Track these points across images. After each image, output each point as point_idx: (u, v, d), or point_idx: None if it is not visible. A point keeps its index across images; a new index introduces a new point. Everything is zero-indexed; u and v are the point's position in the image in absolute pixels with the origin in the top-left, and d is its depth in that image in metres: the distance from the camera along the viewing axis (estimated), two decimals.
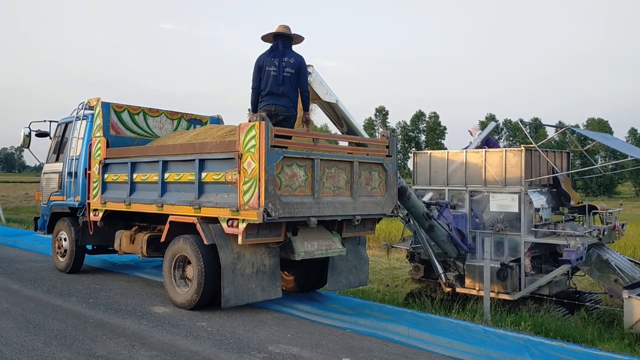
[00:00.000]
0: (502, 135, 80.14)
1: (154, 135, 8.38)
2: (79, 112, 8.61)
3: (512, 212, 8.70)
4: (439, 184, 9.64)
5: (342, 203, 6.26)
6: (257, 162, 5.49)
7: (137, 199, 7.10)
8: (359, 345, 5.20)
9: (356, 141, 7.13)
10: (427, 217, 8.30)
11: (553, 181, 9.40)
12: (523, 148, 8.77)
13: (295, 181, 5.81)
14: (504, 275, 8.43)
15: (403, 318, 6.38)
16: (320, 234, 6.30)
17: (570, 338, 6.61)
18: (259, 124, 5.51)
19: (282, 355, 4.79)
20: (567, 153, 10.37)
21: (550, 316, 7.80)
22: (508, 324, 6.70)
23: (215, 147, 6.11)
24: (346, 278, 6.99)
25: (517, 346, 5.45)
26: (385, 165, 6.78)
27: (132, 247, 7.48)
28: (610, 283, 8.50)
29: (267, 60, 6.29)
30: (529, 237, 8.55)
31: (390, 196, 6.85)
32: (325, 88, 7.13)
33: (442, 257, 9.05)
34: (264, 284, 6.11)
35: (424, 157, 10.01)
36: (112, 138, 7.86)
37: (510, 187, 8.76)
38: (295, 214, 5.76)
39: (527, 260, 8.49)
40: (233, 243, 5.91)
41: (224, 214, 5.85)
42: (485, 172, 9.06)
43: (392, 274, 11.98)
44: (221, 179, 5.98)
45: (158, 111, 8.56)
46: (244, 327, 5.64)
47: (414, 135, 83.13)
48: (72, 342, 4.98)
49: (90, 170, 7.93)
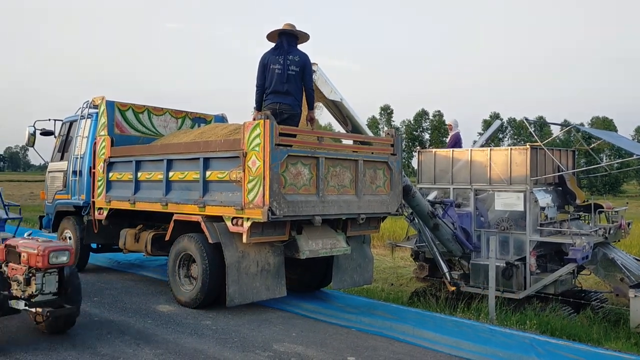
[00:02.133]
0: (506, 134, 79.86)
1: (159, 134, 8.38)
2: (84, 110, 8.62)
3: (518, 210, 8.66)
4: (444, 182, 9.61)
5: (347, 202, 6.24)
6: (262, 161, 5.48)
7: (142, 198, 7.10)
8: (364, 344, 5.19)
9: (361, 140, 7.12)
10: (432, 216, 8.27)
11: (558, 180, 9.36)
12: (528, 146, 8.74)
13: (300, 180, 5.80)
14: (509, 274, 8.41)
15: (408, 317, 6.37)
16: (324, 233, 6.29)
17: (576, 337, 6.59)
18: (263, 123, 5.50)
19: (286, 354, 4.78)
20: (572, 151, 10.32)
21: (556, 315, 7.77)
22: (513, 323, 6.67)
23: (219, 145, 6.11)
24: (351, 277, 6.98)
25: (523, 345, 5.43)
26: (390, 163, 6.76)
27: (136, 246, 7.49)
28: (616, 282, 8.46)
29: (271, 58, 6.27)
30: (534, 235, 8.51)
31: (395, 195, 6.83)
32: (329, 86, 7.12)
33: (446, 256, 9.02)
34: (269, 283, 6.11)
35: (428, 156, 9.98)
36: (116, 137, 7.86)
37: (516, 186, 8.72)
38: (299, 212, 5.75)
39: (532, 259, 8.46)
40: (238, 242, 5.90)
41: (229, 212, 5.84)
42: (490, 171, 9.02)
43: (397, 273, 11.95)
44: (226, 178, 5.97)
45: (162, 110, 8.55)
46: (249, 325, 5.64)
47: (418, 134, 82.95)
48: (76, 340, 4.98)
49: (95, 169, 7.93)
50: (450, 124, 11.04)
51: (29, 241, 4.72)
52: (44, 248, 4.48)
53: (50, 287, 4.63)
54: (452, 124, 11.00)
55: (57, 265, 4.58)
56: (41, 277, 4.56)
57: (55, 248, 4.56)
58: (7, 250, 4.83)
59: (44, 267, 4.51)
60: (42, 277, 4.56)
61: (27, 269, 4.54)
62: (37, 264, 4.47)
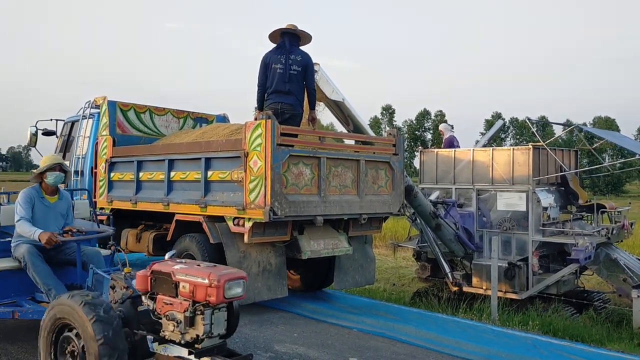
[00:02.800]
0: (508, 134, 79.76)
1: (160, 134, 8.38)
2: (86, 110, 8.62)
3: (520, 210, 8.63)
4: (446, 182, 9.59)
5: (349, 202, 6.23)
6: (263, 161, 5.47)
7: (143, 198, 7.09)
8: (366, 345, 5.18)
9: (363, 139, 7.11)
10: (434, 216, 8.25)
11: (561, 180, 9.34)
12: (531, 146, 8.71)
13: (302, 180, 5.78)
14: (511, 275, 8.38)
15: (410, 317, 6.36)
16: (326, 233, 6.28)
17: (578, 338, 6.57)
18: (265, 123, 5.49)
19: (288, 355, 4.77)
20: (575, 151, 10.29)
21: (558, 316, 7.75)
22: (516, 324, 6.66)
23: (221, 145, 6.10)
24: (352, 277, 6.96)
25: (525, 346, 5.42)
26: (392, 163, 6.74)
27: (138, 246, 7.49)
28: (619, 282, 8.43)
29: (273, 58, 6.26)
30: (536, 236, 8.48)
31: (397, 195, 6.81)
32: (331, 86, 7.11)
33: (449, 256, 9.00)
34: (270, 283, 6.09)
35: (430, 156, 9.96)
36: (118, 137, 7.86)
37: (518, 186, 8.70)
38: (301, 212, 5.73)
39: (534, 259, 8.43)
40: (239, 242, 5.89)
41: (230, 212, 5.83)
42: (492, 171, 9.00)
43: (399, 273, 11.94)
44: (227, 178, 5.96)
45: (164, 110, 8.56)
46: (250, 326, 5.63)
47: (420, 134, 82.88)
48: None
49: (97, 169, 7.94)
50: (442, 130, 11.06)
51: (188, 267, 3.47)
52: (218, 277, 3.27)
53: (219, 328, 3.41)
54: (443, 130, 11.05)
55: (232, 299, 3.39)
56: (210, 315, 3.34)
57: (230, 277, 3.37)
58: (154, 277, 3.54)
59: (217, 302, 3.30)
60: (211, 316, 3.35)
61: (190, 304, 3.31)
62: (208, 298, 3.26)
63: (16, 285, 4.74)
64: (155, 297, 3.50)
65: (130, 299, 3.68)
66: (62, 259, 4.84)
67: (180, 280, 3.37)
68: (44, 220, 4.76)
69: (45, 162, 4.87)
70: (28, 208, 4.70)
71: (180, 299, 3.36)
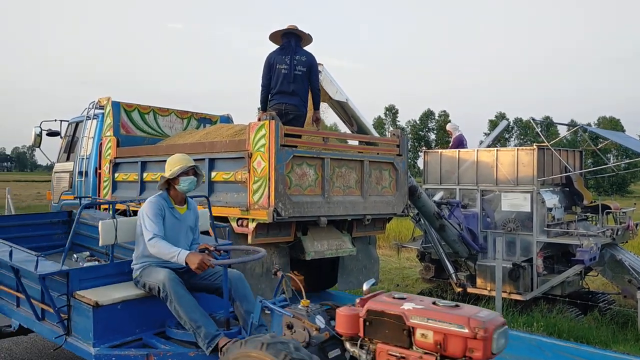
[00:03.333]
0: (513, 134, 79.57)
1: (164, 135, 8.38)
2: (90, 111, 8.63)
3: (524, 211, 8.61)
4: (450, 183, 9.58)
5: (353, 202, 6.22)
6: (267, 162, 5.46)
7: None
8: None
9: (366, 140, 7.09)
10: (438, 217, 8.23)
11: (566, 180, 9.30)
12: (535, 147, 8.69)
13: (305, 180, 5.78)
14: (515, 276, 8.36)
15: None
16: (330, 234, 6.27)
17: (583, 339, 6.54)
18: (268, 123, 5.48)
19: None
20: (579, 152, 10.25)
21: (563, 317, 7.72)
22: (520, 325, 6.63)
23: (225, 146, 6.10)
24: (356, 278, 6.95)
25: (530, 347, 5.38)
26: (396, 164, 6.73)
27: None
28: (624, 283, 8.40)
29: (277, 58, 6.24)
30: (541, 236, 8.46)
31: (401, 195, 6.79)
32: (335, 87, 7.10)
33: (453, 256, 8.98)
34: (274, 284, 6.08)
35: (434, 156, 9.94)
36: (122, 137, 7.87)
37: (523, 186, 8.67)
38: (305, 213, 5.72)
39: (539, 260, 8.40)
40: (242, 243, 5.88)
41: (234, 213, 5.83)
42: (497, 171, 8.98)
43: (403, 274, 11.92)
44: (231, 179, 5.96)
45: (168, 110, 8.56)
46: None
47: (423, 134, 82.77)
48: None
49: (101, 170, 7.95)
50: (450, 130, 11.07)
51: (424, 307, 2.65)
52: (484, 324, 2.48)
53: None
54: (451, 129, 11.08)
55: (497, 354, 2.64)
56: None
57: (496, 323, 2.61)
58: (369, 320, 2.74)
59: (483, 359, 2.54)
60: None
61: (438, 359, 2.54)
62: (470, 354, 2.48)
63: (141, 318, 3.83)
64: (366, 345, 2.75)
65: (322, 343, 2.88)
66: (197, 284, 3.94)
67: (417, 326, 2.59)
68: (174, 235, 3.89)
69: (177, 164, 3.88)
70: (160, 222, 3.77)
71: (418, 352, 2.58)
